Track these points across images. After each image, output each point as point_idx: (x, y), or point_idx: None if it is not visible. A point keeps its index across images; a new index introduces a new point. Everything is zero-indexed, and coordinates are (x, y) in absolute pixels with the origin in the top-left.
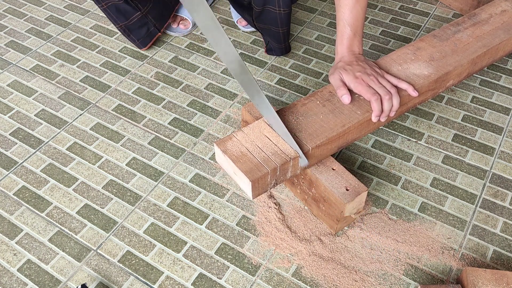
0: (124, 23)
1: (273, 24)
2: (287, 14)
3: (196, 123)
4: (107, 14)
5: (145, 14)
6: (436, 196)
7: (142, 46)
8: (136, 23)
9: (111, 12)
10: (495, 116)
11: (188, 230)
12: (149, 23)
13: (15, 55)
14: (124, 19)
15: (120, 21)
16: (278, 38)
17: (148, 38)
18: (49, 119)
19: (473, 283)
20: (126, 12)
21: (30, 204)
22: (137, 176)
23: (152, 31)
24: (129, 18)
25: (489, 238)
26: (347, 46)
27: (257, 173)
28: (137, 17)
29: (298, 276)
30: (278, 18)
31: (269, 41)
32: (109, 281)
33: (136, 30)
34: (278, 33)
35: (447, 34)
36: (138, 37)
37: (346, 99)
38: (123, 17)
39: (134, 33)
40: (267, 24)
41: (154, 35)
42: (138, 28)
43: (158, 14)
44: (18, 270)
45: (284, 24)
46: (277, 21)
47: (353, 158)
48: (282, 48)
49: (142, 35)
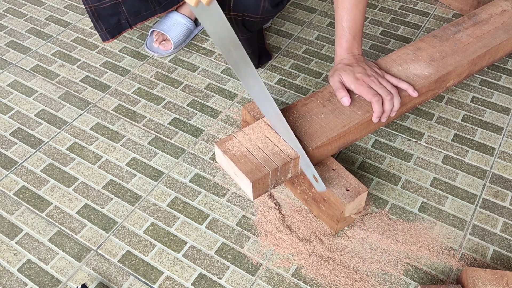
0: (95, 4)
1: None
2: (248, 39)
3: (196, 123)
4: None
5: (119, 3)
6: (436, 196)
7: (107, 38)
8: (108, 9)
9: None
10: (495, 116)
11: (188, 230)
12: (121, 13)
13: (15, 55)
14: (96, 0)
15: (91, 1)
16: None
17: (116, 30)
18: (49, 119)
19: (473, 283)
20: None
21: (30, 204)
22: (137, 176)
23: (123, 23)
24: (101, 1)
25: (489, 238)
26: (346, 48)
27: (257, 174)
28: (110, 2)
29: (298, 276)
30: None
31: None
32: (109, 281)
33: (106, 18)
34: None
35: (447, 34)
36: (106, 26)
37: (345, 101)
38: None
39: (103, 19)
40: None
41: (123, 28)
42: (108, 15)
43: (133, 9)
44: (18, 270)
45: (247, 47)
46: None
47: (353, 158)
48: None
49: (111, 24)
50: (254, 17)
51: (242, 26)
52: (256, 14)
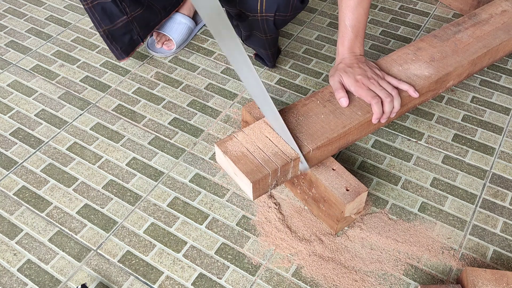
0: (108, 27)
1: (261, 47)
2: (274, 39)
3: (196, 123)
4: (91, 14)
5: (131, 20)
6: (436, 196)
7: (124, 56)
8: (121, 29)
9: (96, 12)
10: (495, 116)
11: (188, 230)
12: (133, 30)
13: (15, 55)
14: (109, 22)
15: (104, 24)
16: (267, 57)
17: (130, 47)
18: (49, 119)
19: (473, 283)
20: (112, 14)
21: (30, 204)
22: (137, 176)
23: (135, 39)
24: (114, 22)
25: (489, 238)
26: (348, 47)
27: (257, 174)
28: (123, 21)
29: (298, 276)
30: (265, 42)
31: None
32: (109, 281)
33: (120, 37)
34: (267, 54)
35: (448, 34)
36: (121, 45)
37: (344, 102)
38: (108, 19)
39: (117, 40)
40: (256, 46)
41: (136, 44)
42: (122, 34)
43: (144, 22)
44: (18, 270)
45: (271, 46)
46: (265, 45)
47: (353, 158)
48: (271, 64)
49: (125, 43)
50: (284, 15)
51: (273, 25)
52: (286, 13)
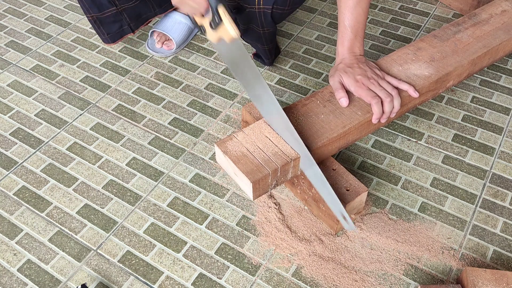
0: (96, 14)
1: (258, 42)
2: (271, 33)
3: (196, 123)
4: (81, 2)
5: (121, 11)
6: (436, 196)
7: (110, 41)
8: (110, 17)
9: (84, 1)
10: (495, 116)
11: (188, 230)
12: (123, 20)
13: (15, 55)
14: (97, 11)
15: (92, 11)
16: (264, 53)
17: (118, 35)
18: (49, 119)
19: (473, 283)
20: (100, 5)
21: (30, 204)
22: (137, 176)
23: (125, 29)
24: (103, 11)
25: (489, 238)
26: (348, 47)
27: (257, 174)
28: (111, 11)
29: (298, 276)
30: (262, 36)
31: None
32: (109, 281)
33: (108, 24)
34: (264, 49)
35: (448, 34)
36: (108, 31)
37: (343, 102)
38: (96, 8)
39: (105, 26)
40: (253, 40)
41: (125, 33)
42: (110, 22)
43: (135, 14)
44: (18, 270)
45: (268, 41)
46: (262, 39)
47: (353, 158)
48: (269, 61)
49: (113, 30)
50: (282, 9)
51: (270, 19)
52: (284, 6)
